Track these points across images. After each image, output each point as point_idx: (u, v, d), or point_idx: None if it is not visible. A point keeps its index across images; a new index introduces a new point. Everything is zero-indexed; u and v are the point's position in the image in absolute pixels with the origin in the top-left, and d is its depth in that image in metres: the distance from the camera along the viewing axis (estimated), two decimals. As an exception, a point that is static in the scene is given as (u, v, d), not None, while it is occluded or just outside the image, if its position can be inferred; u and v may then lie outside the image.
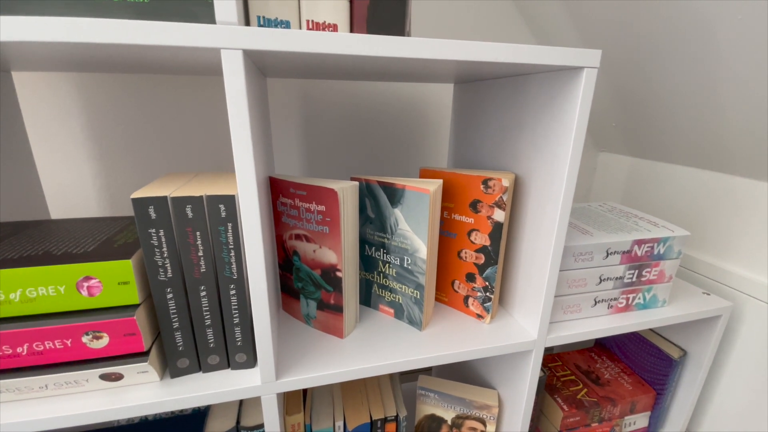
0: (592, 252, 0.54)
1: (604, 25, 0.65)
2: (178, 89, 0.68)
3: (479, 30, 0.78)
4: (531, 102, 0.49)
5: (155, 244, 0.38)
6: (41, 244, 0.40)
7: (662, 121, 0.72)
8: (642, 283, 0.59)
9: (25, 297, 0.37)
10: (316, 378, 0.44)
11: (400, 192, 0.50)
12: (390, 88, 0.78)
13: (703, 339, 0.66)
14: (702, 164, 0.71)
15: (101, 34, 0.29)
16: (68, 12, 0.32)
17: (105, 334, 0.38)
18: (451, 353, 0.49)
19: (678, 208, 0.77)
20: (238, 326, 0.43)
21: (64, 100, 0.65)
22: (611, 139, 0.89)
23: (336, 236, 0.46)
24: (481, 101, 0.60)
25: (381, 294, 0.57)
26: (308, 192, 0.47)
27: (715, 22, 0.51)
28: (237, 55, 0.32)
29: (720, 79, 0.57)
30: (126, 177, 0.70)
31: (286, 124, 0.75)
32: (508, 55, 0.37)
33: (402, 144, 0.83)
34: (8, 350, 0.37)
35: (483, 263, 0.54)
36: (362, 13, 0.37)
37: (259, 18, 0.36)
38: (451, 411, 0.62)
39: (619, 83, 0.73)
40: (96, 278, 0.37)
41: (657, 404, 0.73)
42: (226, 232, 0.39)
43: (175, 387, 0.42)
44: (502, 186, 0.49)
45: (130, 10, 0.33)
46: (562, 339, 0.54)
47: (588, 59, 0.40)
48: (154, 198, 0.37)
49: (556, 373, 0.76)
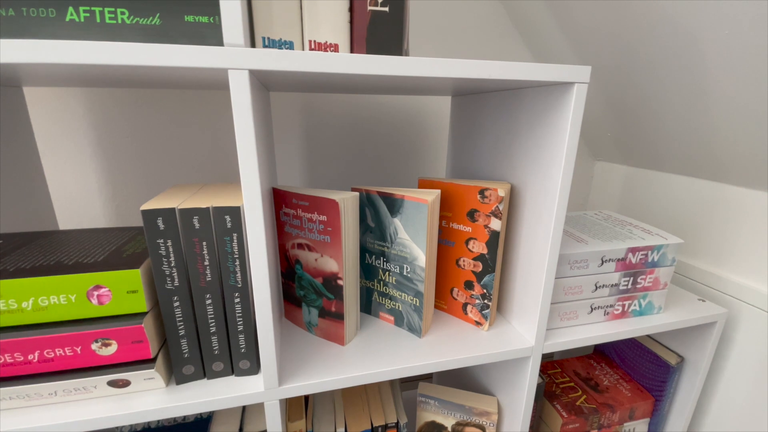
0: (587, 260, 0.55)
1: (597, 41, 0.67)
2: (184, 102, 0.70)
3: (478, 48, 0.81)
4: (525, 114, 0.51)
5: (163, 254, 0.39)
6: (53, 254, 0.42)
7: (654, 132, 0.73)
8: (637, 290, 0.60)
9: (38, 305, 0.38)
10: (317, 384, 0.45)
11: (399, 202, 0.51)
12: (390, 101, 0.80)
13: (699, 345, 0.67)
14: (694, 173, 0.73)
15: (116, 56, 0.31)
16: (83, 34, 0.34)
17: (114, 342, 0.40)
18: (450, 360, 0.50)
19: (673, 216, 0.78)
20: (242, 333, 0.44)
21: (73, 113, 0.67)
22: (607, 149, 0.90)
23: (337, 245, 0.48)
24: (478, 113, 0.62)
25: (381, 301, 0.58)
26: (310, 202, 0.48)
27: (703, 39, 0.53)
28: (243, 75, 0.34)
29: (708, 92, 0.58)
30: (132, 188, 0.72)
31: (289, 136, 0.77)
32: (500, 72, 0.39)
33: (402, 154, 0.85)
34: (20, 357, 0.38)
35: (481, 271, 0.55)
36: (362, 33, 0.39)
37: (264, 39, 0.37)
38: (451, 418, 0.63)
39: (613, 96, 0.75)
40: (106, 287, 0.39)
41: (656, 411, 0.73)
42: (231, 242, 0.41)
43: (181, 393, 0.43)
44: (498, 196, 0.51)
45: (142, 32, 0.35)
46: (559, 345, 0.55)
47: (578, 75, 0.42)
48: (163, 210, 0.38)
49: (555, 379, 0.77)
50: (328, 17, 0.38)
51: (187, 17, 0.36)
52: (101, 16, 0.34)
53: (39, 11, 0.34)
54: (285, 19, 0.38)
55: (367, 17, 0.39)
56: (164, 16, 0.35)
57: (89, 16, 0.34)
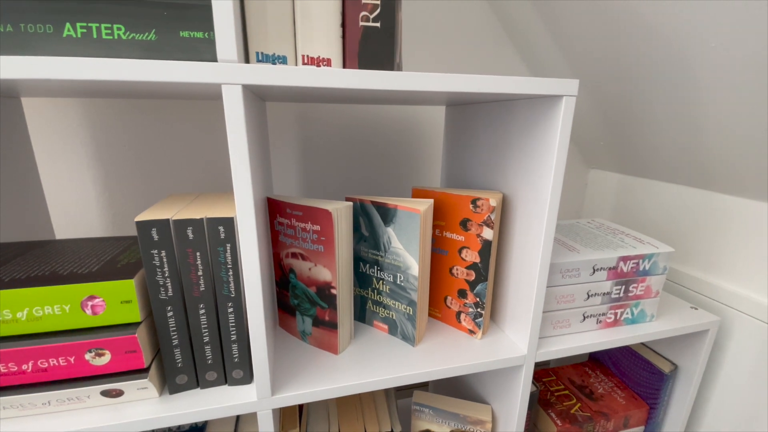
0: (579, 268, 0.55)
1: (589, 52, 0.68)
2: (181, 112, 0.71)
3: (471, 56, 0.82)
4: (517, 125, 0.52)
5: (157, 264, 0.40)
6: (48, 264, 0.42)
7: (645, 141, 0.74)
8: (629, 298, 0.60)
9: (32, 316, 0.38)
10: (310, 394, 0.46)
11: (392, 211, 0.52)
12: (386, 110, 0.81)
13: (692, 353, 0.68)
14: (684, 181, 0.74)
15: (112, 72, 0.32)
16: (80, 49, 0.35)
17: (107, 352, 0.40)
18: (442, 369, 0.50)
19: (665, 223, 0.79)
20: (235, 343, 0.44)
21: (71, 122, 0.67)
22: (601, 157, 0.91)
23: (330, 255, 0.48)
24: (471, 123, 0.63)
25: (375, 310, 0.59)
26: (304, 212, 0.49)
27: (691, 52, 0.54)
28: (236, 89, 0.34)
29: (696, 104, 0.59)
30: (129, 196, 0.72)
31: (284, 145, 0.78)
32: (490, 86, 0.40)
33: (397, 163, 0.85)
34: (14, 367, 0.38)
35: (474, 280, 0.55)
36: (354, 48, 0.40)
37: (258, 54, 0.38)
38: (445, 426, 0.63)
39: (605, 105, 0.76)
40: (100, 297, 0.39)
41: (650, 418, 0.73)
42: (224, 253, 0.41)
43: (174, 403, 0.43)
44: (490, 206, 0.51)
45: (138, 47, 0.36)
46: (552, 354, 0.55)
47: (566, 88, 0.42)
48: (157, 221, 0.39)
49: (550, 387, 0.77)
50: (320, 32, 0.39)
51: (183, 32, 0.37)
52: (98, 32, 0.35)
53: (37, 27, 0.34)
54: (279, 33, 0.39)
55: (359, 32, 0.40)
56: (160, 32, 0.36)
57: (86, 32, 0.35)
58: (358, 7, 0.39)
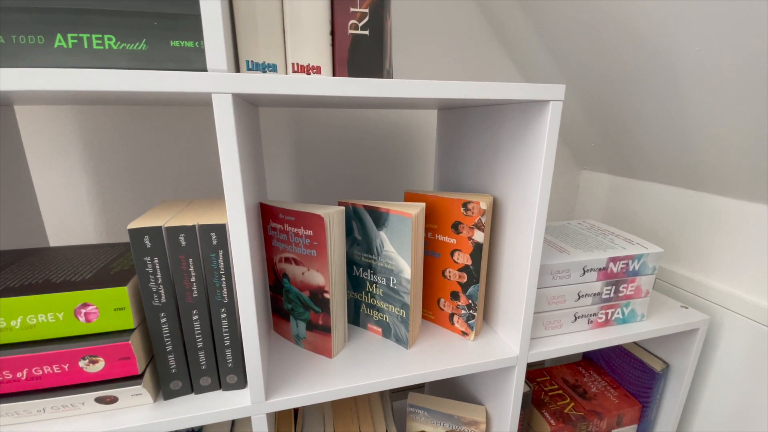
0: (569, 269, 0.56)
1: (578, 56, 0.69)
2: (173, 118, 0.71)
3: (463, 59, 0.83)
4: (506, 129, 0.52)
5: (150, 271, 0.40)
6: (41, 273, 0.43)
7: (634, 142, 0.75)
8: (620, 298, 0.61)
9: (26, 324, 0.39)
10: (304, 398, 0.46)
11: (384, 215, 0.53)
12: (378, 115, 0.82)
13: (683, 352, 0.69)
14: (673, 182, 0.75)
15: (103, 83, 0.32)
16: (72, 60, 0.35)
17: (101, 359, 0.40)
18: (436, 371, 0.51)
19: (656, 223, 0.80)
20: (228, 348, 0.45)
21: (64, 129, 0.67)
22: (592, 158, 0.92)
23: (323, 259, 0.49)
24: (463, 127, 0.63)
25: (369, 313, 0.59)
26: (296, 217, 0.49)
27: (677, 56, 0.55)
28: (227, 98, 0.35)
29: (682, 106, 0.60)
30: (123, 203, 0.73)
31: (278, 149, 0.78)
32: (477, 92, 0.41)
33: (390, 167, 0.86)
34: (8, 375, 0.39)
35: (466, 282, 0.56)
36: (343, 56, 0.40)
37: (248, 62, 0.39)
38: (440, 427, 0.64)
39: (594, 106, 0.77)
40: (93, 305, 0.39)
41: (643, 417, 0.74)
42: (217, 259, 0.42)
43: (168, 409, 0.43)
44: (481, 209, 0.52)
45: (129, 57, 0.36)
46: (544, 354, 0.56)
47: (553, 93, 0.43)
48: (149, 228, 0.39)
49: (543, 387, 0.78)
50: (310, 40, 0.40)
51: (173, 42, 0.37)
52: (89, 42, 0.36)
53: (28, 38, 0.35)
54: (268, 42, 0.39)
55: (348, 40, 0.40)
56: (150, 42, 0.36)
57: (77, 43, 0.35)
58: (347, 16, 0.40)
